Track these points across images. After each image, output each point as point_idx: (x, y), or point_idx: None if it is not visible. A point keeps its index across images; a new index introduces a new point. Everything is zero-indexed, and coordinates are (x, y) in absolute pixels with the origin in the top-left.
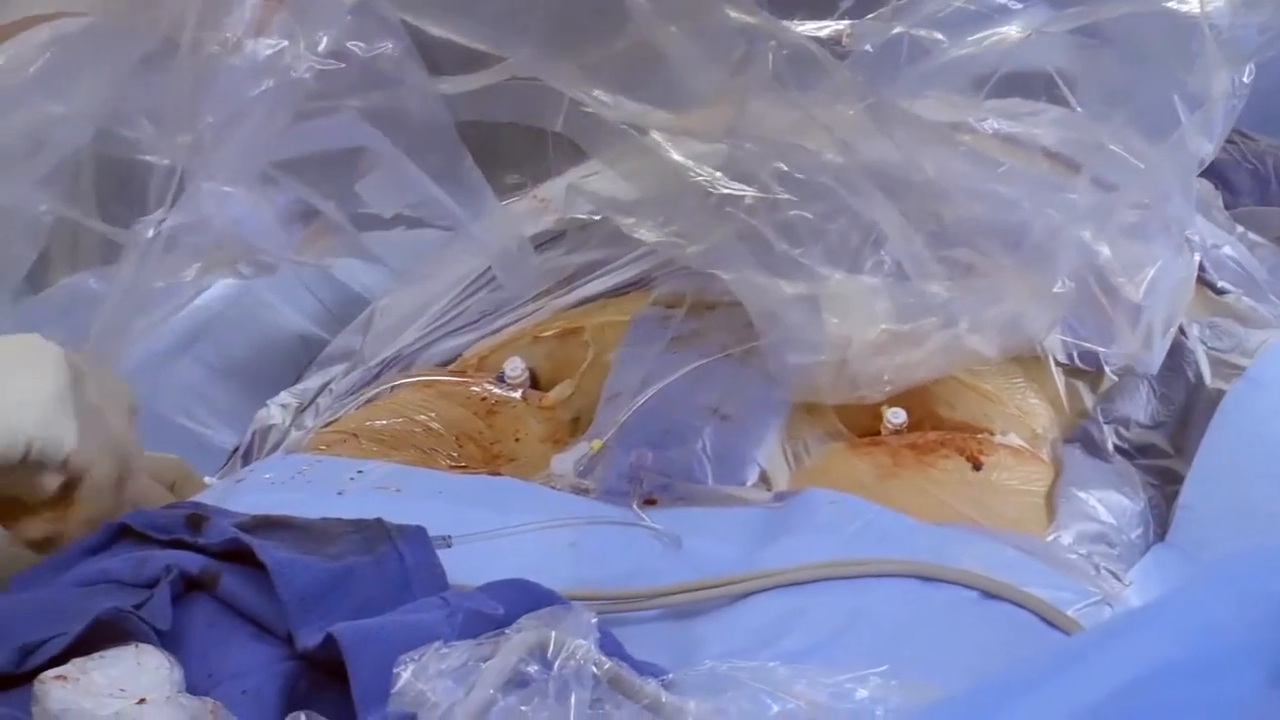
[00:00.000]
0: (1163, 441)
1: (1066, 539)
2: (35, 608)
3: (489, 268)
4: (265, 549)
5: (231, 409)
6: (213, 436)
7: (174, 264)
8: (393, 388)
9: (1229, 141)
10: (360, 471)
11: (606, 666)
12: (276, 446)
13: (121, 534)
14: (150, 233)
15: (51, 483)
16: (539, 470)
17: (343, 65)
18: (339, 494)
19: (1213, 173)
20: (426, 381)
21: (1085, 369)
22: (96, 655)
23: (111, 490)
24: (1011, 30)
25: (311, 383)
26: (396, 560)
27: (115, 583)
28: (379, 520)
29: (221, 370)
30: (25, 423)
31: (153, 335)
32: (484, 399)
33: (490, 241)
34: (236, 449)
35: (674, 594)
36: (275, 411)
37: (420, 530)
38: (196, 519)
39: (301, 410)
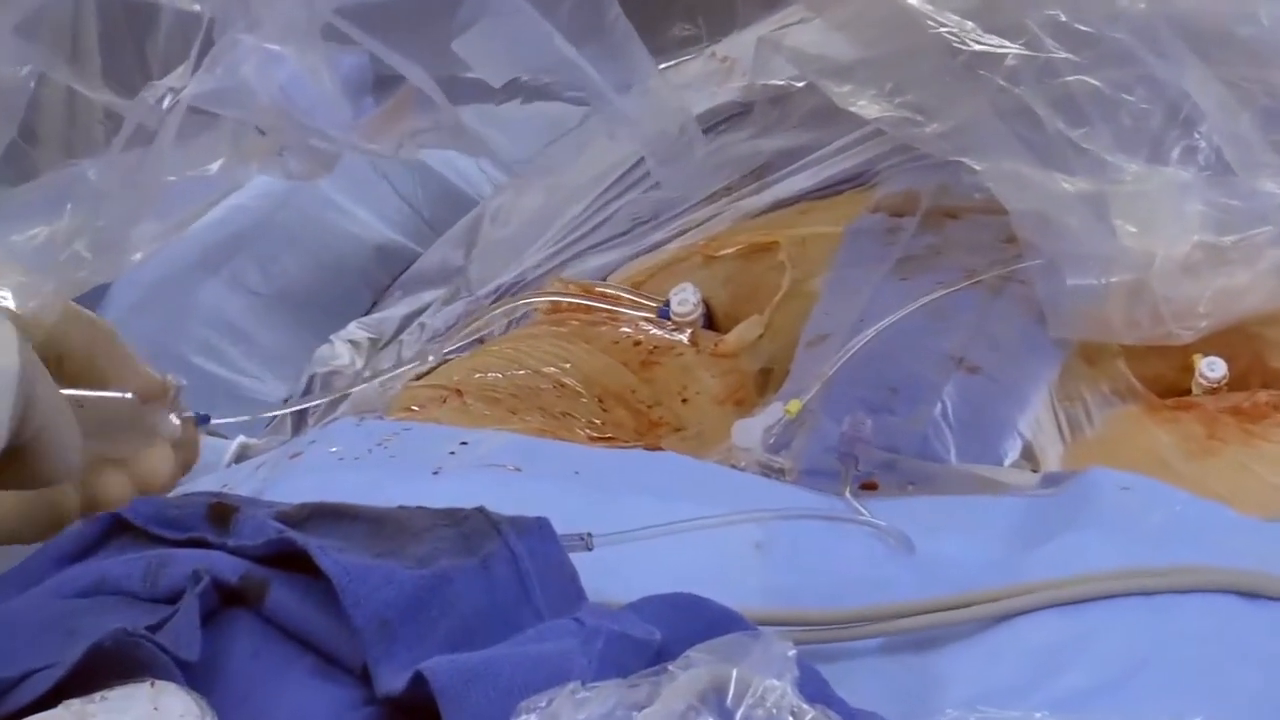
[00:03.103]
0: None
1: None
2: (11, 628)
3: (642, 158)
4: (324, 552)
5: (280, 348)
6: (253, 386)
7: (195, 149)
8: (509, 324)
9: None
10: (465, 443)
11: (810, 717)
12: (343, 399)
13: (115, 530)
14: (163, 102)
15: None
16: (714, 443)
17: None
18: (434, 474)
19: None
20: (555, 307)
21: None
22: (98, 695)
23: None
24: None
25: (393, 312)
26: (509, 564)
27: (120, 594)
28: (481, 509)
29: (266, 295)
30: None
31: (168, 247)
32: (638, 343)
33: (642, 121)
34: (286, 400)
35: (904, 616)
36: (342, 350)
37: (543, 523)
38: (222, 510)
39: (380, 349)
